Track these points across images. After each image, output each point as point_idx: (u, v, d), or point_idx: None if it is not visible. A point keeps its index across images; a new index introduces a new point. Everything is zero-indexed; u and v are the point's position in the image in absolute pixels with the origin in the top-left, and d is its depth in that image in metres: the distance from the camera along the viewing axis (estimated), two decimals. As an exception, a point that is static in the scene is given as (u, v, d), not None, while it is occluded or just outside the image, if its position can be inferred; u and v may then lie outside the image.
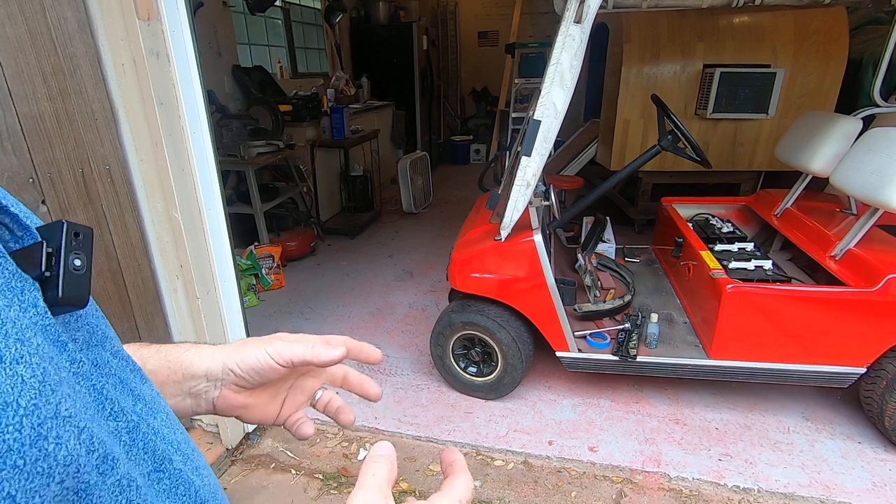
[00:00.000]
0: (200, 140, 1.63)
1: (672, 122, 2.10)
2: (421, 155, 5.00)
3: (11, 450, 0.19)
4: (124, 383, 0.32)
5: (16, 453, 0.20)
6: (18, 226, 0.26)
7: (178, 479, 0.33)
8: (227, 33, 4.02)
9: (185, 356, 0.46)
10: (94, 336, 0.31)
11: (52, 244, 0.27)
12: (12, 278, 0.24)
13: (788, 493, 1.77)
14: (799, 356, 1.91)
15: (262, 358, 0.45)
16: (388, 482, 0.37)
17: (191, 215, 1.67)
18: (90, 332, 0.30)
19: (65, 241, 0.27)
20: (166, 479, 0.32)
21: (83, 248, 0.28)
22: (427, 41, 6.31)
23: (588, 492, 1.80)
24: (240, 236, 3.34)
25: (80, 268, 0.27)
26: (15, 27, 1.26)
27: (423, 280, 3.44)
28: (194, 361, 0.46)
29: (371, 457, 0.39)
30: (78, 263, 0.27)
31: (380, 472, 0.37)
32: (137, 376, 0.34)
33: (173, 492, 0.32)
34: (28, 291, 0.24)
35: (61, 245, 0.27)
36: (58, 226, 0.27)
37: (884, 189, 1.73)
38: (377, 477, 0.37)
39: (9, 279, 0.23)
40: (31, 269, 0.25)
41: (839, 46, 3.23)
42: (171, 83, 1.51)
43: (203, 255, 1.73)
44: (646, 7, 1.87)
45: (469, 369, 2.26)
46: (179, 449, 0.34)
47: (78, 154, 1.46)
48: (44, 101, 1.35)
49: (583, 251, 2.50)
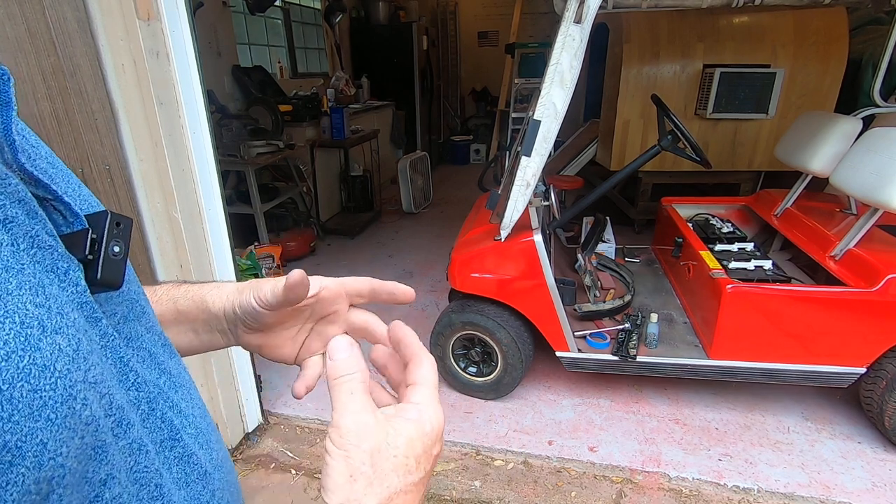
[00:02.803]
0: (200, 140, 1.63)
1: (672, 122, 2.10)
2: (421, 155, 5.00)
3: (46, 405, 0.22)
4: (153, 357, 0.34)
5: (49, 409, 0.23)
6: (70, 213, 0.29)
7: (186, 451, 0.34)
8: (227, 33, 4.02)
9: (207, 297, 0.47)
10: (132, 311, 0.33)
11: (96, 231, 0.30)
12: (60, 259, 0.27)
13: (788, 493, 1.77)
14: (799, 356, 1.91)
15: (248, 301, 0.45)
16: (366, 392, 0.35)
17: (191, 215, 1.67)
18: (129, 307, 0.33)
19: (107, 229, 0.30)
20: (179, 447, 0.33)
21: (122, 236, 0.31)
22: (427, 41, 6.31)
23: (588, 492, 1.80)
24: (240, 236, 3.33)
25: (118, 254, 0.31)
26: (15, 27, 1.26)
27: (423, 280, 3.44)
28: (214, 302, 0.47)
29: (338, 370, 0.36)
30: (117, 250, 0.30)
31: (356, 387, 0.35)
32: (167, 351, 0.36)
33: (181, 461, 0.34)
34: (72, 271, 0.27)
35: (104, 233, 0.30)
36: (103, 215, 0.31)
37: (884, 189, 1.73)
38: (356, 394, 0.35)
39: (56, 260, 0.27)
40: (77, 251, 0.29)
41: (839, 46, 3.23)
42: (171, 83, 1.51)
43: (203, 255, 1.73)
44: (646, 7, 1.86)
45: (469, 369, 2.26)
46: (193, 423, 0.35)
47: (78, 154, 1.46)
48: (43, 101, 1.35)
49: (583, 251, 2.50)
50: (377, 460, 0.33)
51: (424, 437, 0.35)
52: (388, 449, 0.33)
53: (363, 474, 0.32)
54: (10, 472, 0.21)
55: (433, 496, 1.80)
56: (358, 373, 0.36)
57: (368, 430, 0.33)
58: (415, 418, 0.35)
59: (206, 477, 0.35)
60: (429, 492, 1.82)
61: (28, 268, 0.24)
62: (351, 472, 0.32)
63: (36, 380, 0.22)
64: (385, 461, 0.33)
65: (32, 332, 0.23)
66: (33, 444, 0.22)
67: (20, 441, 0.21)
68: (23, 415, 0.21)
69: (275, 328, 0.48)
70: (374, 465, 0.33)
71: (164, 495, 0.31)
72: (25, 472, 0.21)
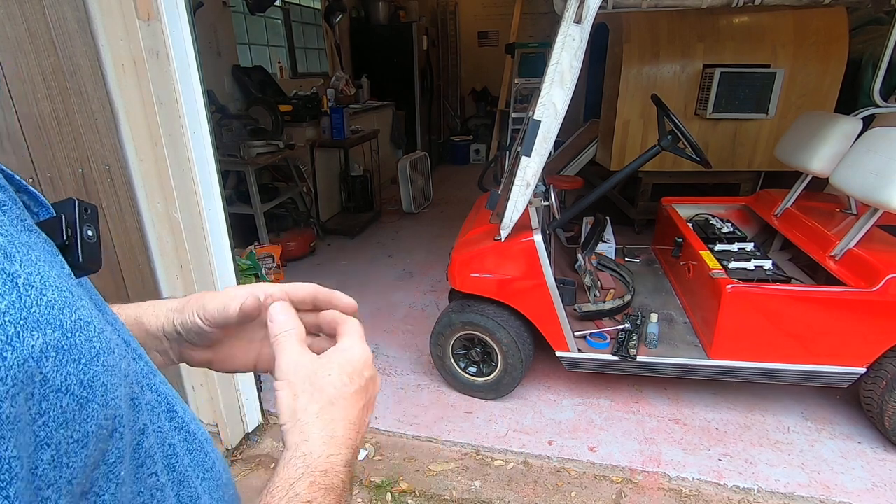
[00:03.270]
0: (200, 140, 1.63)
1: (672, 122, 2.10)
2: (421, 155, 5.00)
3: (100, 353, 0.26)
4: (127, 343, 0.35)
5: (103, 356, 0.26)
6: (36, 202, 0.30)
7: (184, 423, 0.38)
8: (227, 33, 4.02)
9: (143, 316, 0.47)
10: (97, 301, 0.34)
11: (67, 218, 0.31)
12: (45, 244, 0.28)
13: (788, 493, 1.77)
14: (799, 356, 1.91)
15: (192, 320, 0.45)
16: (302, 342, 0.42)
17: (191, 215, 1.67)
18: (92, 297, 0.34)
19: (78, 215, 0.31)
20: (177, 419, 0.37)
21: (92, 220, 0.32)
22: (427, 41, 6.31)
23: (588, 492, 1.80)
24: (240, 236, 3.33)
25: (93, 237, 0.32)
26: (15, 27, 1.26)
27: (423, 280, 3.44)
28: (151, 321, 0.46)
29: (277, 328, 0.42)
30: (90, 234, 0.32)
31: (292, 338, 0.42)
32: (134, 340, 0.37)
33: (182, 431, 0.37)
34: (57, 255, 0.29)
35: (76, 218, 0.31)
36: (70, 202, 0.32)
37: (884, 189, 1.73)
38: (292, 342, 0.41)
39: (44, 242, 0.28)
40: (55, 237, 0.30)
41: (839, 46, 3.23)
42: (171, 83, 1.51)
43: (203, 255, 1.73)
44: (646, 7, 1.86)
45: (469, 369, 2.26)
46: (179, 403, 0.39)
47: (78, 154, 1.46)
48: (43, 102, 1.35)
49: (583, 251, 2.50)
50: (314, 380, 0.40)
51: (353, 361, 0.42)
52: (323, 370, 0.40)
53: (303, 391, 0.39)
54: (89, 406, 0.25)
55: (433, 496, 1.80)
56: (293, 328, 0.42)
57: (303, 363, 0.40)
58: (342, 349, 0.43)
59: (203, 448, 0.40)
60: (429, 492, 1.82)
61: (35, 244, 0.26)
62: (294, 392, 0.39)
63: (86, 331, 0.25)
64: (320, 379, 0.40)
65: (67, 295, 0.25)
66: (99, 384, 0.26)
67: (91, 380, 0.25)
68: (88, 359, 0.25)
69: (223, 342, 0.48)
70: (311, 383, 0.39)
71: (176, 454, 0.35)
72: (97, 408, 0.25)
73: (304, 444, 0.37)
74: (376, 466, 1.94)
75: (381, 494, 1.81)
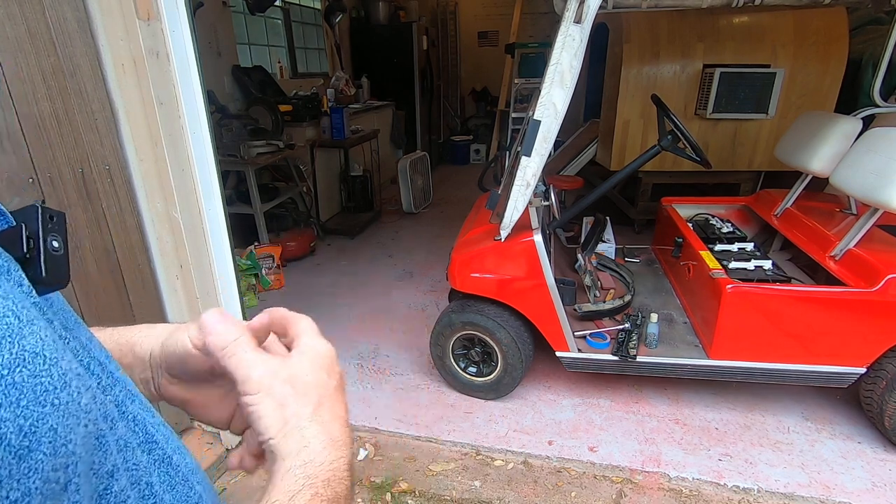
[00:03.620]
0: (200, 140, 1.63)
1: (672, 122, 2.10)
2: (421, 155, 5.00)
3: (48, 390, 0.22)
4: (103, 366, 0.32)
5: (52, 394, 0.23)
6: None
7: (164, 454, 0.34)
8: (227, 33, 4.02)
9: (135, 337, 0.43)
10: (68, 321, 0.31)
11: (29, 227, 0.27)
12: None
13: (788, 493, 1.77)
14: (799, 356, 1.91)
15: (182, 341, 0.40)
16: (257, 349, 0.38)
17: (191, 215, 1.67)
18: (64, 317, 0.31)
19: (41, 224, 0.28)
20: (157, 450, 0.34)
21: (58, 230, 0.29)
22: (427, 41, 6.31)
23: (588, 492, 1.80)
24: (240, 236, 3.33)
25: (59, 249, 0.28)
26: (15, 27, 1.26)
27: (423, 280, 3.44)
28: (142, 343, 0.43)
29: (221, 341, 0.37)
30: (56, 245, 0.28)
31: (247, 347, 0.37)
32: (112, 363, 0.34)
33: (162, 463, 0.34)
34: (14, 271, 0.25)
35: (38, 228, 0.28)
36: (32, 209, 0.28)
37: (884, 189, 1.73)
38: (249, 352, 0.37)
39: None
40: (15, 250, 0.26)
41: (839, 46, 3.23)
42: (171, 83, 1.51)
43: (203, 255, 1.73)
44: (646, 7, 1.86)
45: (469, 369, 2.26)
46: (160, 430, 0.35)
47: (78, 154, 1.46)
48: (43, 102, 1.35)
49: (583, 251, 2.50)
50: (295, 382, 0.36)
51: (321, 358, 0.39)
52: (299, 373, 0.37)
53: (289, 395, 0.36)
54: (30, 458, 0.21)
55: (433, 496, 1.80)
56: (241, 336, 0.37)
57: (275, 368, 0.36)
58: (305, 350, 0.39)
59: (188, 482, 0.36)
60: (429, 491, 1.82)
61: None
62: (279, 401, 0.35)
63: (32, 365, 0.22)
64: (300, 381, 0.37)
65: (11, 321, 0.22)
66: (45, 428, 0.22)
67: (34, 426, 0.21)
68: (30, 399, 0.21)
69: (202, 384, 0.44)
70: (294, 385, 0.36)
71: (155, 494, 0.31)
72: (43, 459, 0.21)
73: (305, 450, 0.35)
74: (376, 466, 1.94)
75: (381, 494, 1.81)
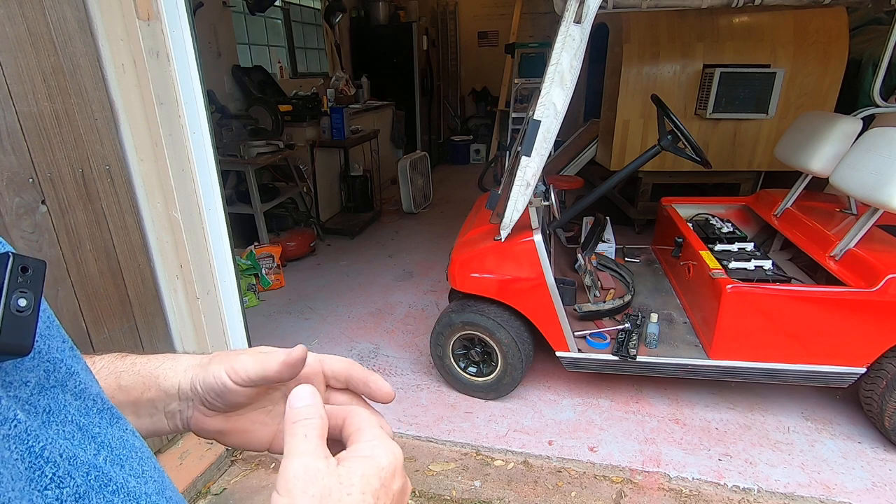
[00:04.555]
0: (200, 140, 1.63)
1: (672, 122, 2.10)
2: (421, 155, 5.00)
3: None
4: (84, 430, 0.28)
5: None
6: None
7: None
8: (227, 33, 4.02)
9: (160, 369, 0.41)
10: (52, 376, 0.27)
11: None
12: None
13: (788, 493, 1.77)
14: (799, 356, 1.91)
15: (218, 376, 0.39)
16: (322, 438, 0.33)
17: (191, 215, 1.67)
18: (48, 371, 0.27)
19: (9, 278, 0.24)
20: None
21: (31, 285, 0.25)
22: (427, 41, 6.31)
23: (588, 492, 1.80)
24: (240, 236, 3.33)
25: (25, 309, 0.24)
26: (15, 27, 1.26)
27: (423, 280, 3.44)
28: (168, 375, 0.40)
29: (296, 414, 0.33)
30: (22, 304, 0.24)
31: (311, 431, 0.33)
32: (105, 417, 0.30)
33: None
34: None
35: (4, 282, 0.24)
36: (2, 259, 0.24)
37: (884, 189, 1.73)
38: (309, 438, 0.32)
39: None
40: None
41: (839, 46, 3.23)
42: (171, 83, 1.51)
43: (203, 255, 1.73)
44: (646, 7, 1.87)
45: (469, 369, 2.26)
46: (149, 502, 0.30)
47: (78, 154, 1.46)
48: (44, 101, 1.35)
49: (583, 251, 2.50)
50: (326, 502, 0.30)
51: (380, 472, 0.33)
52: (341, 488, 0.31)
53: None
54: None
55: (433, 496, 1.80)
56: (316, 419, 0.33)
57: (317, 476, 0.31)
58: (368, 454, 0.33)
59: None
60: (429, 492, 1.82)
61: None
62: None
63: None
64: (335, 501, 0.30)
65: None
66: None
67: None
68: None
69: (240, 410, 0.42)
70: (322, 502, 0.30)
71: None
72: None
73: None
74: (376, 466, 1.94)
75: (381, 494, 1.81)
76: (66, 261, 1.47)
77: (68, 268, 1.47)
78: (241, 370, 0.38)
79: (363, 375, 0.42)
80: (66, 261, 1.47)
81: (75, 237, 1.49)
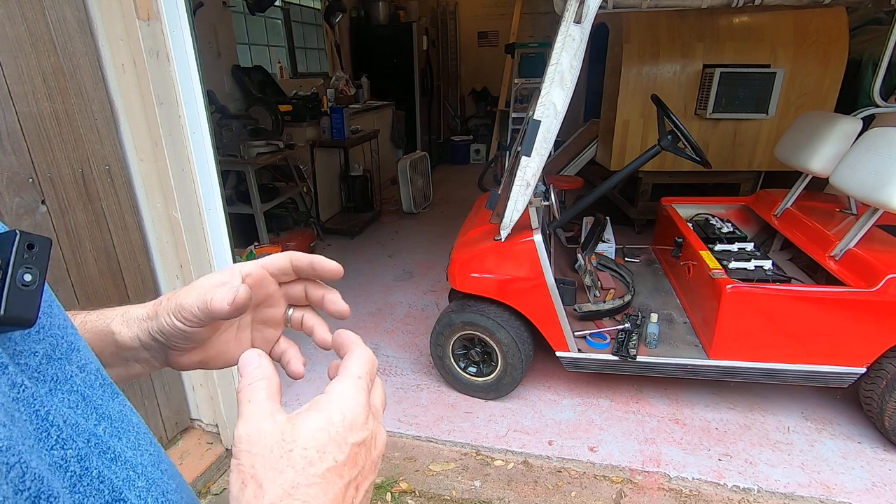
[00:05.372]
0: (200, 140, 1.63)
1: (672, 122, 2.10)
2: (421, 155, 5.00)
3: None
4: (87, 400, 0.29)
5: None
6: None
7: None
8: (227, 33, 4.02)
9: (113, 325, 0.42)
10: (57, 349, 0.28)
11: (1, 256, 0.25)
12: None
13: (788, 493, 1.77)
14: (799, 356, 1.91)
15: (170, 323, 0.39)
16: (270, 397, 0.33)
17: (191, 215, 1.67)
18: (53, 345, 0.28)
19: (15, 254, 0.25)
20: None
21: (37, 261, 0.26)
22: (427, 41, 6.31)
23: (588, 492, 1.80)
24: (240, 236, 3.33)
25: (31, 283, 0.25)
26: (15, 27, 1.26)
27: (423, 280, 3.44)
28: (123, 332, 0.41)
29: (242, 382, 0.34)
30: (28, 279, 0.25)
31: (256, 394, 0.33)
32: (107, 392, 0.31)
33: None
34: None
35: (11, 258, 0.25)
36: (9, 236, 0.25)
37: (884, 189, 1.73)
38: (254, 402, 0.32)
39: None
40: None
41: (839, 46, 3.23)
42: (171, 83, 1.51)
43: (203, 255, 1.73)
44: (646, 7, 1.87)
45: (469, 369, 2.26)
46: (143, 474, 0.31)
47: (78, 154, 1.46)
48: (44, 101, 1.35)
49: (583, 251, 2.50)
50: (268, 461, 0.30)
51: (331, 426, 0.32)
52: (283, 445, 0.30)
53: (252, 478, 0.30)
54: None
55: (433, 496, 1.80)
56: (262, 380, 0.34)
57: (260, 435, 0.31)
58: (322, 409, 0.33)
59: None
60: (429, 491, 1.82)
61: None
62: (242, 479, 0.30)
63: None
64: (277, 459, 0.30)
65: None
66: None
67: None
68: None
69: (211, 338, 0.43)
70: (263, 466, 0.30)
71: None
72: None
73: None
74: (376, 466, 1.94)
75: (381, 494, 1.81)
76: (66, 261, 1.47)
77: (68, 268, 1.47)
78: (187, 315, 0.38)
79: (307, 261, 0.42)
80: (66, 261, 1.47)
81: (75, 237, 1.49)
